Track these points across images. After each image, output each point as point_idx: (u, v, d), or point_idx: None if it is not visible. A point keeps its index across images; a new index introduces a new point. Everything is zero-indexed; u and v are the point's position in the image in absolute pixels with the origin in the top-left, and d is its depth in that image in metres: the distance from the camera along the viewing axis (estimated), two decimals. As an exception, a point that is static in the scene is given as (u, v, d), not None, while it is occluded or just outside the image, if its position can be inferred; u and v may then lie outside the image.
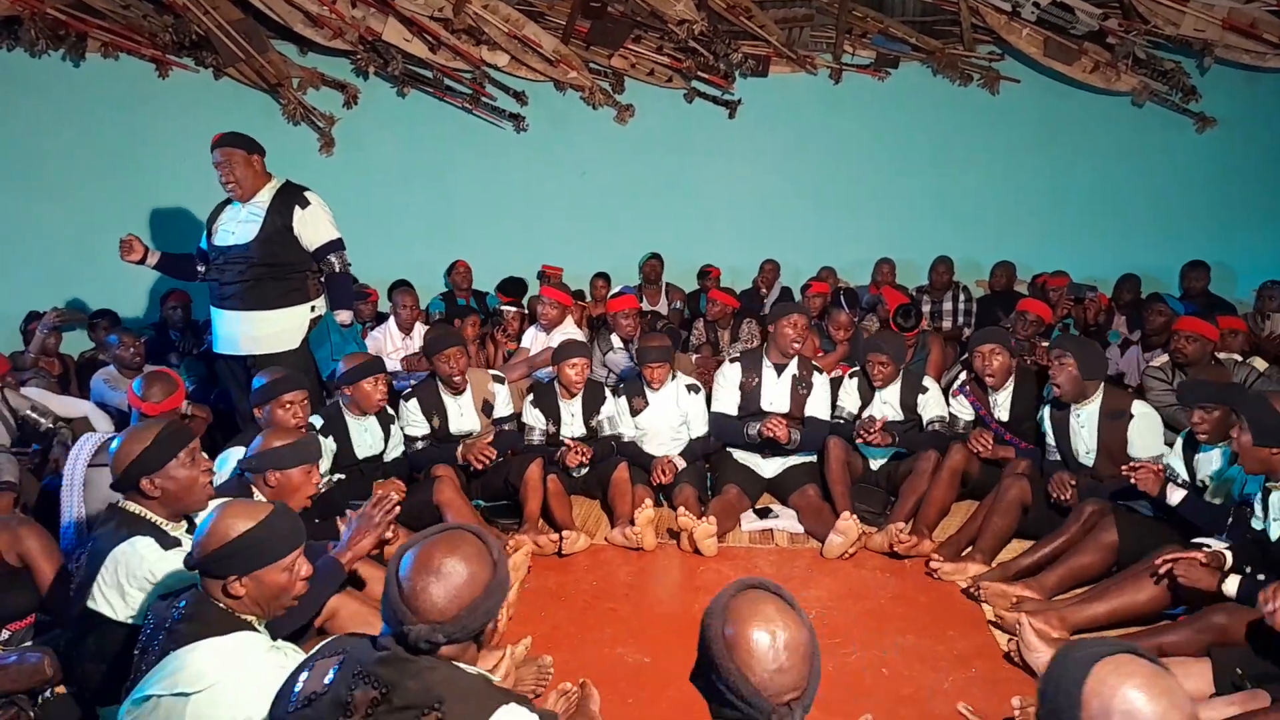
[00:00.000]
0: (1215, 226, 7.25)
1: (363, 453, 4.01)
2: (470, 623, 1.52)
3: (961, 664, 3.03)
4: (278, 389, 3.45)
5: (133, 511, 2.39)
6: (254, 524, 1.90)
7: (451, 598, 1.50)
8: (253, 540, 1.88)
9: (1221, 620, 2.69)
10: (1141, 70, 7.03)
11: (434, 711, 1.43)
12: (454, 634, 1.50)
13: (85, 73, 6.92)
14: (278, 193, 4.13)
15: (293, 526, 1.99)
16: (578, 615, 3.43)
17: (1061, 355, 3.76)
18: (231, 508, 1.95)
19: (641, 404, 4.56)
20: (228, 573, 1.87)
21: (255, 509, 1.96)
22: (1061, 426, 3.90)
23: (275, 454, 2.80)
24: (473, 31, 7.01)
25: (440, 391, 4.36)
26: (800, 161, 7.58)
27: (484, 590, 1.53)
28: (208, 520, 1.92)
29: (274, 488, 2.79)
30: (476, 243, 7.39)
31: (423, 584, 1.50)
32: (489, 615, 1.55)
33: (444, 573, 1.51)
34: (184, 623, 1.87)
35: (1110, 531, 3.34)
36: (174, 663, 1.77)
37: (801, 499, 4.22)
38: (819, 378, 4.47)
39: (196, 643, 1.79)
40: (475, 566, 1.54)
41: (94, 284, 6.71)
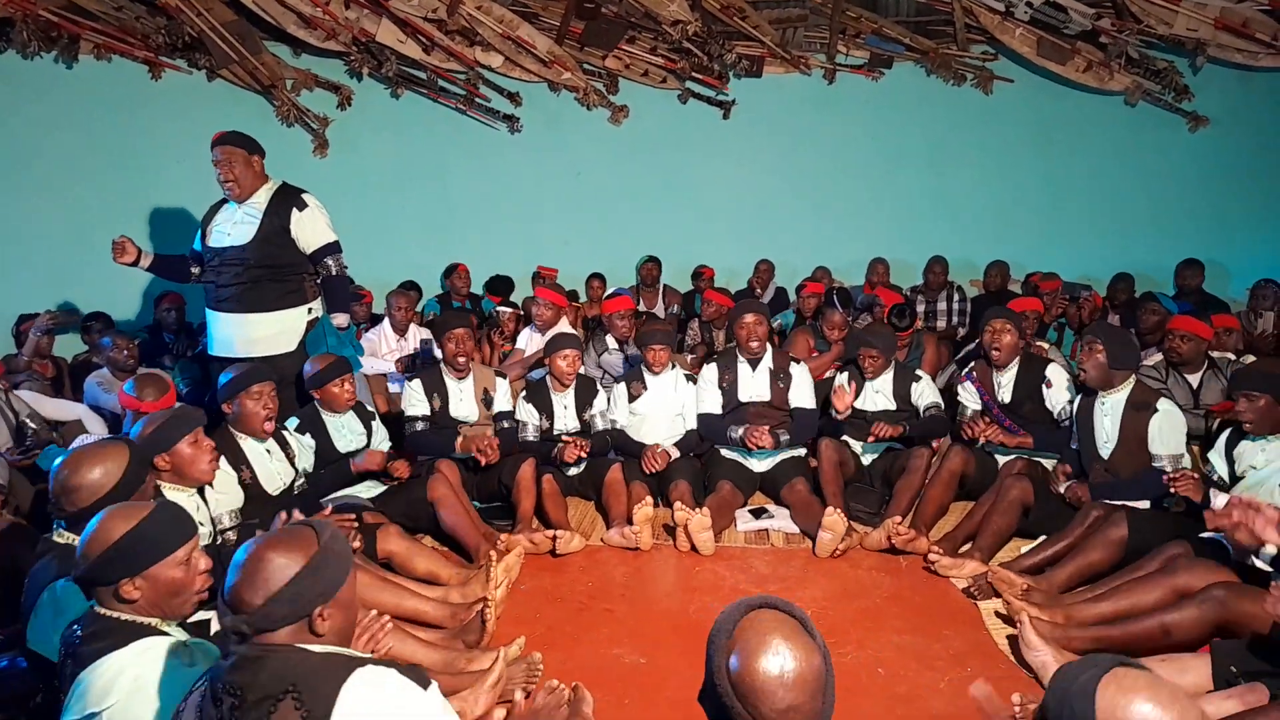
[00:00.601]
0: (1209, 225, 7.28)
1: (344, 448, 4.00)
2: (276, 610, 1.51)
3: (957, 663, 3.03)
4: (246, 380, 3.46)
5: (65, 543, 2.21)
6: (135, 523, 1.83)
7: (256, 588, 1.51)
8: (136, 538, 1.82)
9: (1222, 594, 2.69)
10: (1134, 70, 7.05)
11: (289, 695, 1.45)
12: (259, 623, 1.51)
13: (78, 75, 6.91)
14: (275, 194, 4.11)
15: (178, 519, 1.93)
16: (573, 616, 3.43)
17: (1091, 342, 3.75)
18: (110, 513, 1.87)
19: (640, 389, 4.59)
20: (118, 576, 1.81)
21: (134, 509, 1.88)
22: (1085, 414, 3.88)
23: (153, 438, 2.72)
24: (466, 33, 7.00)
25: (443, 374, 4.41)
26: (795, 162, 7.59)
27: (291, 579, 1.52)
28: (88, 530, 1.84)
29: (171, 469, 2.75)
30: (471, 244, 7.39)
31: (235, 578, 1.54)
32: (300, 602, 1.53)
33: (250, 565, 1.54)
34: (84, 643, 1.82)
35: (1120, 527, 3.33)
36: (80, 685, 1.74)
37: (791, 494, 4.23)
38: (797, 368, 4.51)
39: (98, 660, 1.76)
40: (284, 557, 1.54)
41: (88, 286, 6.69)
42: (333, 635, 1.59)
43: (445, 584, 3.45)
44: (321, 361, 3.95)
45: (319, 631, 1.56)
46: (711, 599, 3.54)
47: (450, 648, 2.95)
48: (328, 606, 1.57)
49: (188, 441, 2.78)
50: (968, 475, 4.10)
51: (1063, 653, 2.80)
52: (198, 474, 2.81)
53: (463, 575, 3.51)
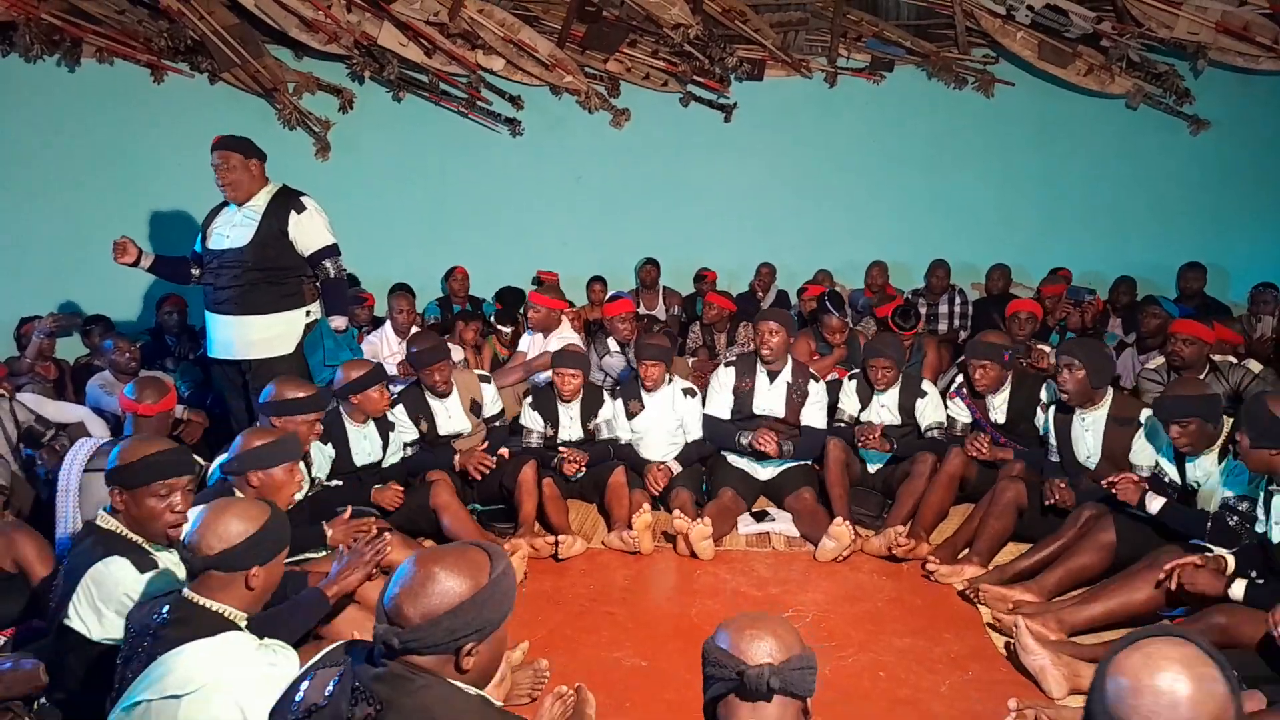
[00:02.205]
0: (1210, 229, 7.26)
1: (361, 460, 4.00)
2: (429, 635, 1.46)
3: (958, 667, 3.03)
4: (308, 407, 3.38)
5: (109, 529, 2.36)
6: (268, 516, 2.03)
7: (417, 604, 1.47)
8: (270, 530, 2.00)
9: (1222, 621, 2.69)
10: (1135, 73, 7.05)
11: None
12: (409, 642, 1.46)
13: (80, 78, 6.92)
14: (274, 197, 4.11)
15: (286, 525, 2.11)
16: (575, 619, 3.43)
17: (1070, 363, 3.75)
18: (235, 506, 2.03)
19: (638, 407, 4.56)
20: (250, 564, 1.96)
21: (255, 505, 2.07)
22: (1064, 430, 3.90)
23: (257, 453, 2.77)
24: (468, 36, 7.01)
25: (425, 396, 4.37)
26: (796, 164, 7.59)
27: (454, 607, 1.47)
28: (202, 518, 1.98)
29: (257, 488, 2.76)
30: (472, 247, 7.39)
31: (400, 589, 1.49)
32: (455, 634, 1.47)
33: (420, 580, 1.49)
34: (169, 627, 1.89)
35: (1109, 532, 3.35)
36: (162, 667, 1.76)
37: (797, 502, 4.22)
38: (815, 386, 4.45)
39: (184, 645, 1.78)
40: (454, 582, 1.49)
41: (89, 289, 6.70)
42: (476, 673, 1.53)
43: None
44: (359, 368, 3.92)
45: (464, 668, 1.50)
46: (712, 602, 3.54)
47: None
48: (480, 644, 1.51)
49: (285, 469, 2.82)
50: (968, 478, 4.11)
51: (1060, 655, 2.81)
52: (280, 500, 2.79)
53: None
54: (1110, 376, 3.85)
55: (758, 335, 4.40)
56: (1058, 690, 2.74)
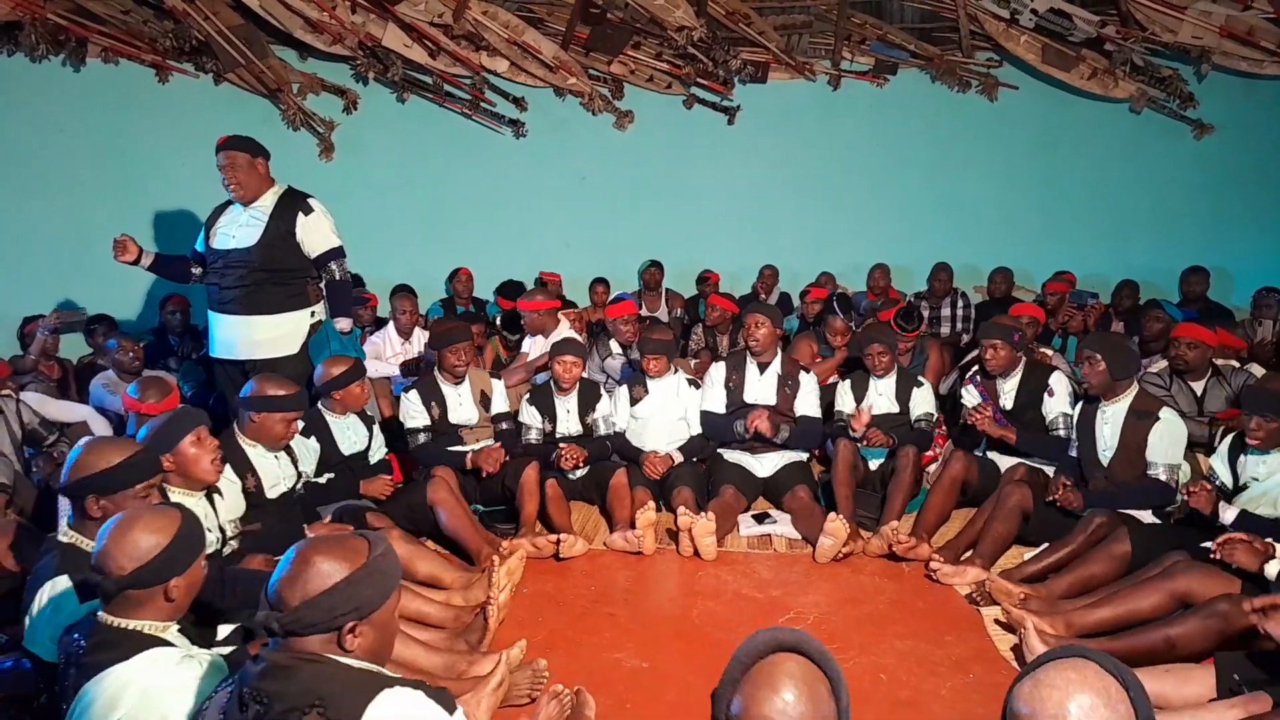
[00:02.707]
0: (1213, 233, 7.26)
1: (348, 449, 3.99)
2: (308, 615, 1.50)
3: (959, 669, 3.02)
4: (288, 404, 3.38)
5: (68, 543, 2.25)
6: (179, 525, 1.89)
7: (295, 589, 1.51)
8: (182, 539, 1.88)
9: (1226, 608, 2.69)
10: (1139, 77, 7.05)
11: (314, 709, 1.45)
12: (289, 624, 1.50)
13: (85, 78, 6.93)
14: (281, 198, 4.11)
15: (198, 522, 1.99)
16: (575, 620, 3.43)
17: (1091, 356, 3.76)
18: (141, 519, 1.89)
19: (642, 392, 4.60)
20: (169, 577, 1.85)
21: (161, 515, 1.91)
22: (1088, 421, 3.88)
23: (157, 437, 2.70)
24: (472, 37, 7.03)
25: (439, 381, 4.41)
26: (799, 167, 7.59)
27: (328, 588, 1.51)
28: (107, 536, 1.85)
29: (176, 469, 2.72)
30: (475, 248, 7.39)
31: (280, 574, 1.55)
32: (334, 613, 1.51)
33: (298, 566, 1.54)
34: (89, 653, 1.81)
35: (1123, 543, 3.32)
36: (87, 695, 1.73)
37: (793, 501, 4.23)
38: (806, 376, 4.52)
39: (104, 670, 1.75)
40: (330, 565, 1.53)
41: (92, 289, 6.71)
42: (364, 654, 1.57)
43: (447, 588, 3.45)
44: (340, 364, 3.94)
45: (348, 647, 1.54)
46: (713, 603, 3.54)
47: (451, 650, 2.95)
48: (361, 624, 1.55)
49: (190, 441, 2.76)
50: (970, 482, 4.10)
51: (1065, 660, 2.79)
52: (201, 473, 2.79)
53: (465, 579, 3.51)
54: (1134, 370, 3.83)
55: (745, 328, 4.49)
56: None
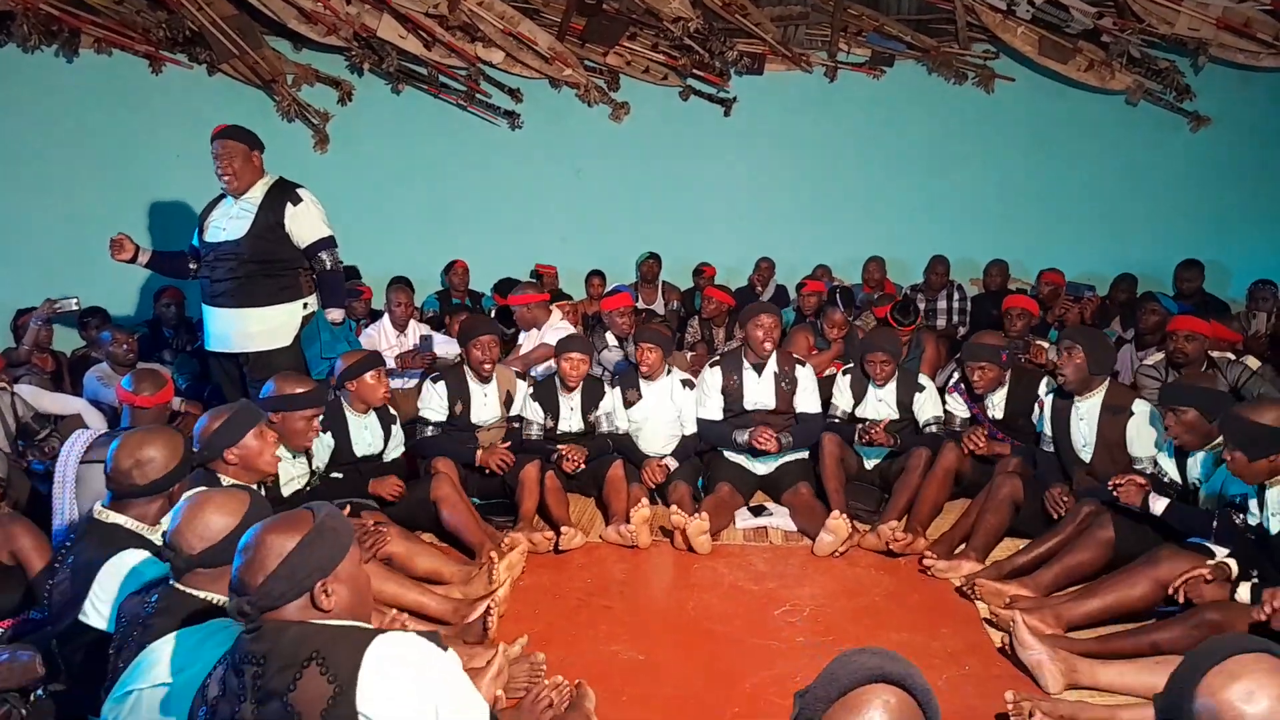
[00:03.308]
0: (1209, 225, 7.27)
1: (361, 450, 3.99)
2: (275, 588, 1.53)
3: (954, 661, 3.03)
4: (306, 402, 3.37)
5: (110, 523, 2.34)
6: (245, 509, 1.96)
7: (255, 570, 1.54)
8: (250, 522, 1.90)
9: (1215, 617, 2.70)
10: (1136, 69, 7.05)
11: (313, 661, 1.49)
12: (261, 601, 1.53)
13: (78, 69, 6.89)
14: (270, 189, 4.09)
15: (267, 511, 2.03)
16: (572, 613, 3.43)
17: (1071, 346, 3.75)
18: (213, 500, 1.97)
19: (635, 396, 4.56)
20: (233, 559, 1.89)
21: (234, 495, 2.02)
22: (1061, 417, 3.89)
23: (222, 431, 2.75)
24: (468, 28, 6.99)
25: (467, 378, 4.39)
26: (795, 159, 7.58)
27: (286, 556, 1.55)
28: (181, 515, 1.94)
29: (236, 463, 2.76)
30: (471, 240, 7.37)
31: (238, 563, 1.58)
32: (298, 578, 1.54)
33: (249, 548, 1.57)
34: (157, 616, 1.88)
35: (1107, 529, 3.34)
36: (151, 655, 1.76)
37: (794, 497, 4.22)
38: (803, 370, 4.47)
39: (172, 633, 1.79)
40: (279, 536, 1.57)
41: (86, 281, 6.65)
42: (342, 611, 1.60)
43: (447, 583, 3.45)
44: (354, 355, 3.93)
45: (324, 607, 1.57)
46: (710, 596, 3.55)
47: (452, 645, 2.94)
48: (329, 580, 1.58)
49: (254, 434, 2.79)
50: (963, 473, 4.11)
51: (1057, 650, 2.81)
52: (264, 465, 2.82)
53: (465, 573, 3.51)
54: (1109, 367, 3.84)
55: (756, 332, 4.34)
56: (1054, 685, 2.74)
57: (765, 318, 4.38)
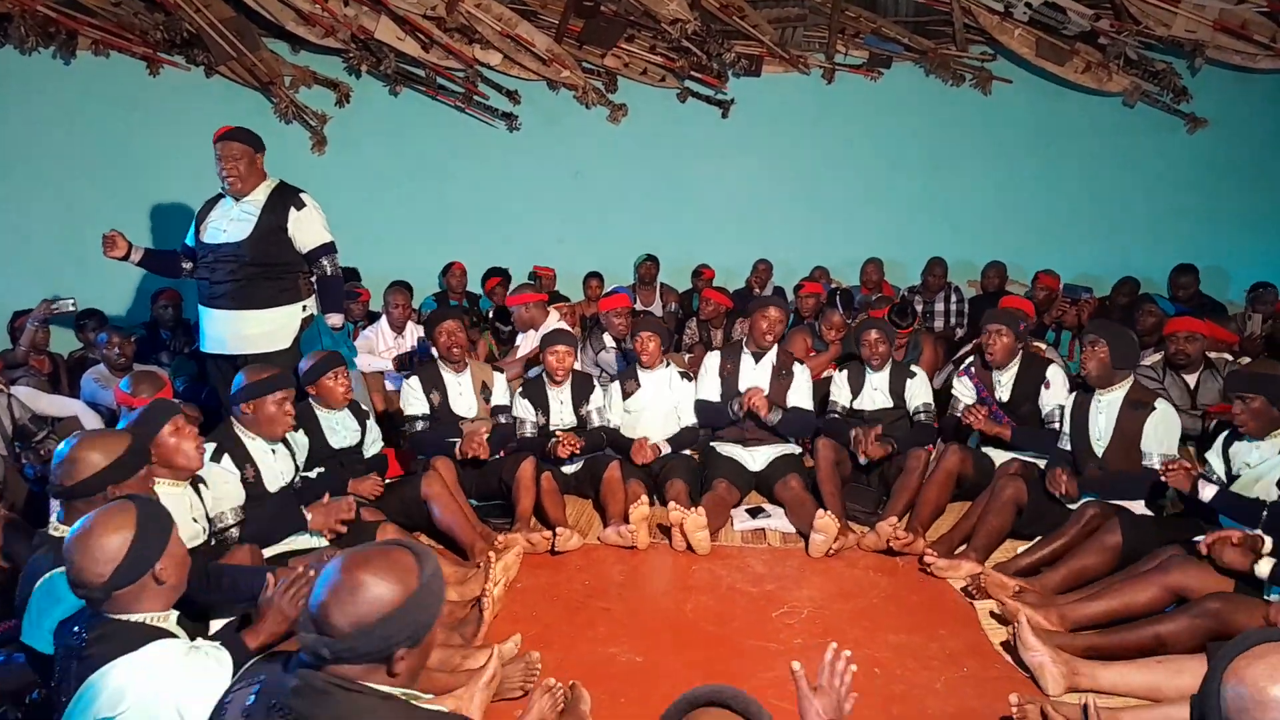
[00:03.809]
0: (1207, 227, 7.28)
1: (337, 443, 3.97)
2: (361, 644, 1.42)
3: (953, 663, 3.03)
4: (271, 386, 3.36)
5: (58, 536, 2.22)
6: (133, 526, 1.81)
7: (349, 615, 1.42)
8: (145, 527, 1.82)
9: (1216, 606, 2.70)
10: (1133, 71, 7.06)
11: None
12: (340, 651, 1.42)
13: (75, 70, 6.88)
14: (273, 192, 4.08)
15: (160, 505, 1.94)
16: (570, 614, 3.42)
17: (1095, 340, 3.75)
18: (97, 522, 1.81)
19: (634, 385, 4.59)
20: (144, 570, 1.80)
21: (118, 512, 1.84)
22: (1081, 411, 3.87)
23: (136, 429, 2.64)
24: (465, 30, 6.99)
25: (440, 369, 4.42)
26: (793, 161, 7.59)
27: (385, 615, 1.43)
28: (73, 549, 1.79)
29: (157, 460, 2.68)
30: (469, 242, 7.37)
31: (326, 596, 1.44)
32: (388, 641, 1.43)
33: (347, 587, 1.43)
34: (91, 646, 1.78)
35: (1114, 534, 3.33)
36: (91, 688, 1.71)
37: (785, 490, 4.21)
38: (799, 368, 4.54)
39: (110, 663, 1.72)
40: (383, 589, 1.44)
41: (84, 283, 6.65)
42: (406, 677, 1.50)
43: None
44: (314, 357, 3.93)
45: (395, 673, 1.47)
46: (708, 598, 3.54)
47: (446, 644, 2.94)
48: (412, 649, 1.47)
49: (168, 431, 2.74)
50: (964, 475, 4.10)
51: (1059, 652, 2.80)
52: (184, 462, 2.76)
53: (460, 574, 3.50)
54: (1133, 361, 3.82)
55: (760, 322, 4.44)
56: (1055, 687, 2.73)
57: (773, 310, 4.48)
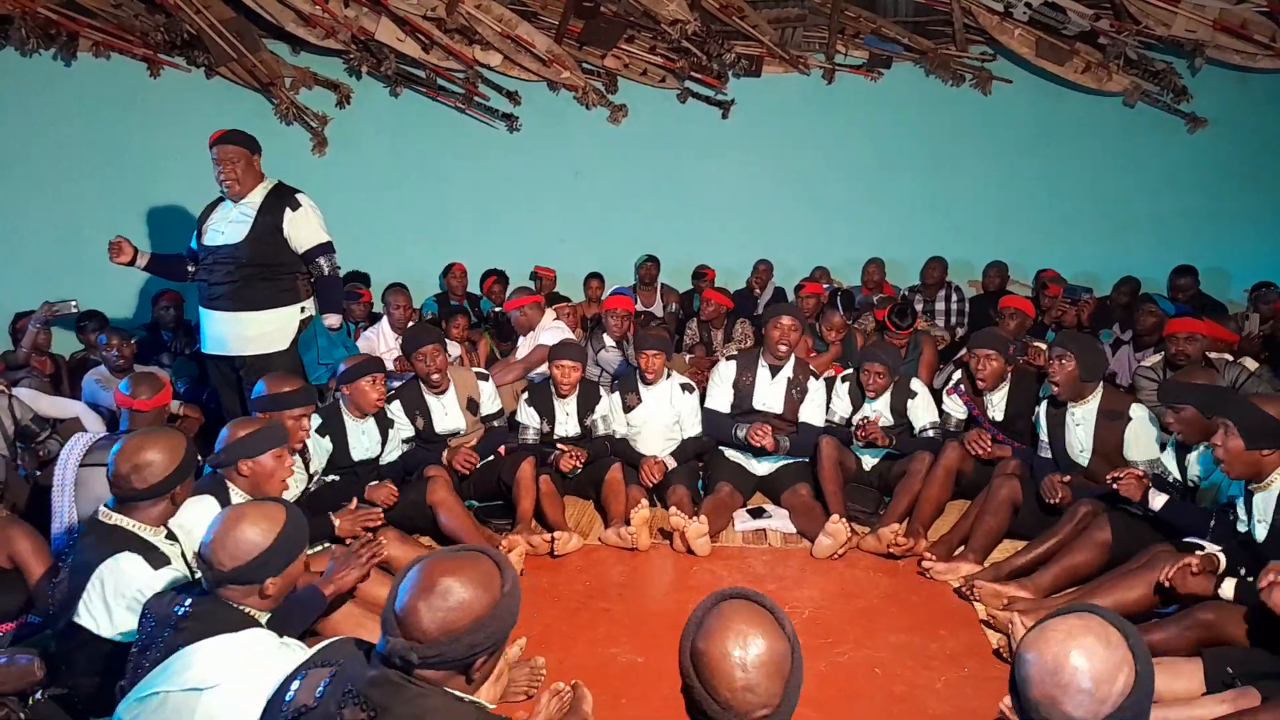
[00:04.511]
0: (1207, 227, 7.28)
1: (359, 455, 4.00)
2: (450, 651, 1.44)
3: (953, 663, 3.04)
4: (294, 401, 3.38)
5: (112, 524, 2.37)
6: (279, 528, 1.96)
7: (438, 621, 1.44)
8: (282, 542, 1.95)
9: (1209, 617, 2.70)
10: (1133, 71, 7.05)
11: None
12: (429, 657, 1.44)
13: (76, 72, 6.89)
14: (269, 194, 4.10)
15: (302, 528, 2.06)
16: (570, 615, 3.43)
17: (1062, 355, 3.75)
18: (247, 516, 1.96)
19: (635, 400, 4.56)
20: (264, 577, 1.93)
21: (268, 513, 2.00)
22: (1056, 424, 3.90)
23: (244, 443, 2.77)
24: (465, 31, 7.00)
25: (423, 391, 4.34)
26: (793, 161, 7.59)
27: (472, 622, 1.46)
28: (214, 531, 1.93)
29: (248, 477, 2.77)
30: (469, 243, 7.38)
31: (415, 600, 1.46)
32: (474, 649, 1.46)
33: (437, 593, 1.46)
34: (192, 620, 1.88)
35: (1104, 530, 3.35)
36: (183, 659, 1.74)
37: (793, 498, 4.22)
38: (814, 383, 4.46)
39: (208, 639, 1.78)
40: (472, 596, 1.47)
41: (84, 284, 6.65)
42: (479, 684, 1.53)
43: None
44: (352, 360, 3.95)
45: (474, 680, 1.50)
46: (708, 599, 3.54)
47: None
48: (491, 659, 1.50)
49: (273, 455, 2.81)
50: (964, 473, 4.11)
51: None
52: (272, 488, 2.83)
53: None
54: (1101, 373, 3.84)
55: (773, 333, 4.35)
56: (1053, 687, 2.74)
57: (785, 319, 4.37)
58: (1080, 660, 1.33)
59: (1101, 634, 1.35)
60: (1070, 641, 1.35)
